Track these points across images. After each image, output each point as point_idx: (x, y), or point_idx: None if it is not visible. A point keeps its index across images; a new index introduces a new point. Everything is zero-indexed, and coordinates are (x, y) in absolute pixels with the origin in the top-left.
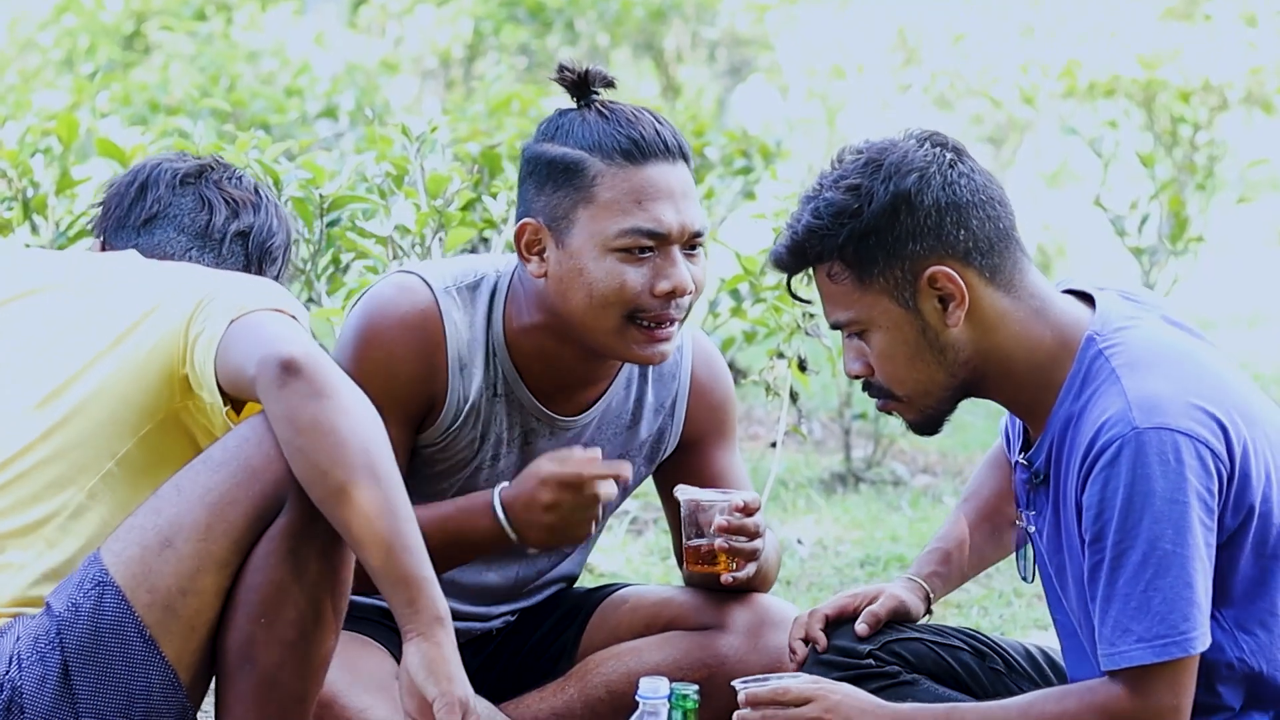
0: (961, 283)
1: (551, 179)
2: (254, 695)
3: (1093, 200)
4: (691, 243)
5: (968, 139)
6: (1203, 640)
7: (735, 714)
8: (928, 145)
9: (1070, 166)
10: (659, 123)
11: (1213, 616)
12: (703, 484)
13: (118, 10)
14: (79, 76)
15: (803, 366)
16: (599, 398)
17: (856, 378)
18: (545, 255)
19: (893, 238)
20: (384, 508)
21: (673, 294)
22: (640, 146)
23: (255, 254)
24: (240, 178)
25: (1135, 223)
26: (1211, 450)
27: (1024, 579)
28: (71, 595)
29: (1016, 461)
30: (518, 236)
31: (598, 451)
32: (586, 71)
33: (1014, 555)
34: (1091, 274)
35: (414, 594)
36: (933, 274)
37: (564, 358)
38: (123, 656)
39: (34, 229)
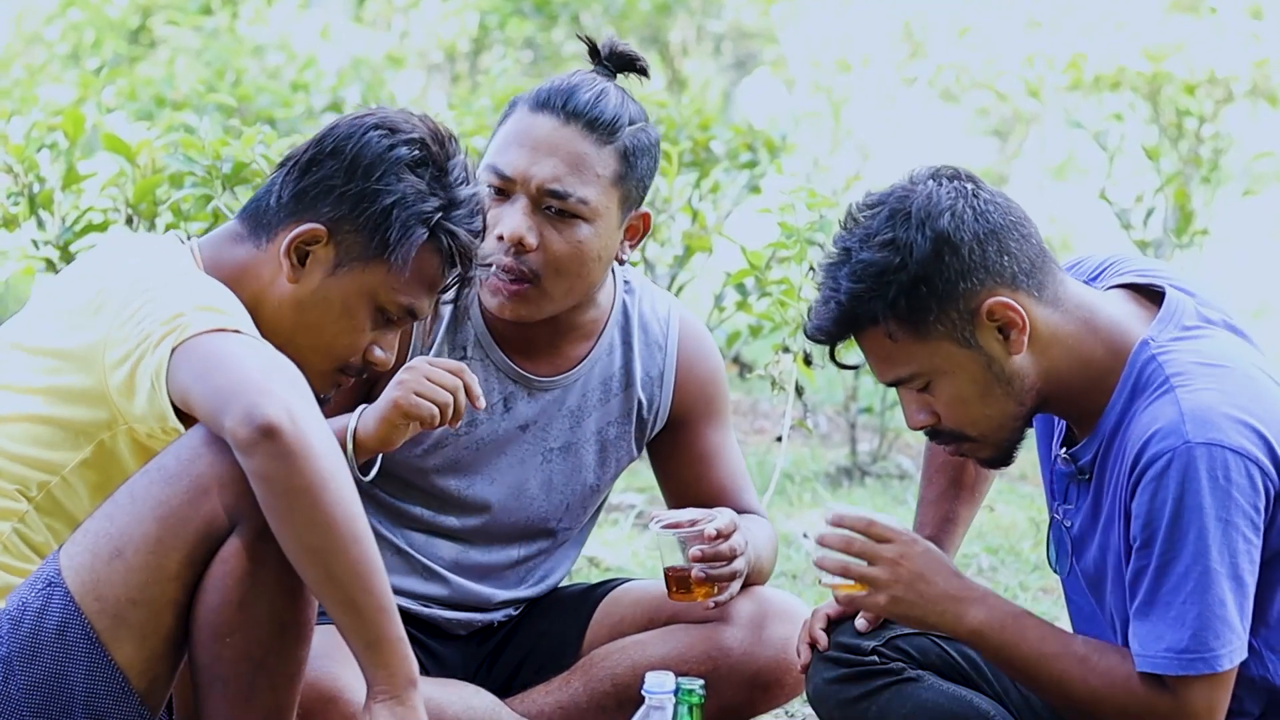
0: (1019, 308)
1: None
2: (230, 712)
3: (1098, 193)
4: (550, 203)
5: (974, 132)
6: (1233, 657)
7: (817, 534)
8: (945, 181)
9: (1075, 159)
10: (588, 90)
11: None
12: (695, 462)
13: (123, 5)
14: (85, 71)
15: (808, 361)
16: (581, 360)
17: (922, 429)
18: None
19: (942, 281)
20: (362, 570)
21: (504, 241)
22: (539, 98)
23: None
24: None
25: (1140, 216)
26: (1261, 468)
27: (1055, 570)
28: (24, 594)
29: (1057, 455)
30: None
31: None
32: (592, 40)
33: (1045, 545)
34: None
35: (388, 656)
36: (990, 307)
37: None
38: (67, 658)
39: (40, 224)
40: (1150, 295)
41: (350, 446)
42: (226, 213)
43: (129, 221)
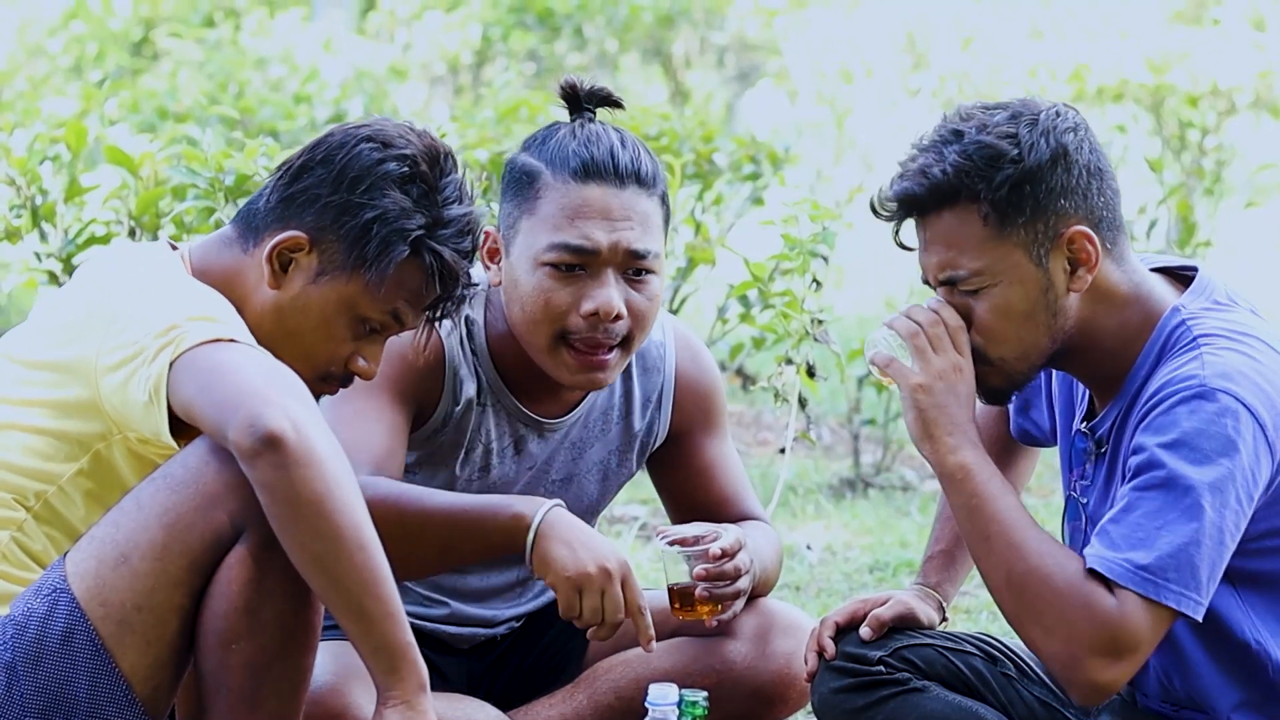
0: (1097, 247)
1: (510, 187)
2: (235, 719)
3: None
4: (633, 266)
5: None
6: (1180, 602)
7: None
8: (1069, 109)
9: None
10: (623, 147)
11: (1249, 605)
12: (696, 474)
13: (126, 17)
14: (87, 83)
15: (811, 372)
16: (584, 397)
17: None
18: (500, 264)
19: (1046, 190)
20: (368, 578)
21: (597, 315)
22: (588, 166)
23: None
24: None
25: (1144, 227)
26: (1267, 437)
27: (1070, 547)
28: (29, 600)
29: (1077, 430)
30: (481, 244)
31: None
32: (574, 85)
33: (1061, 522)
34: None
35: (398, 662)
36: (1074, 234)
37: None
38: (71, 663)
39: (43, 236)
40: (1183, 282)
41: (534, 528)
42: None
43: (132, 234)
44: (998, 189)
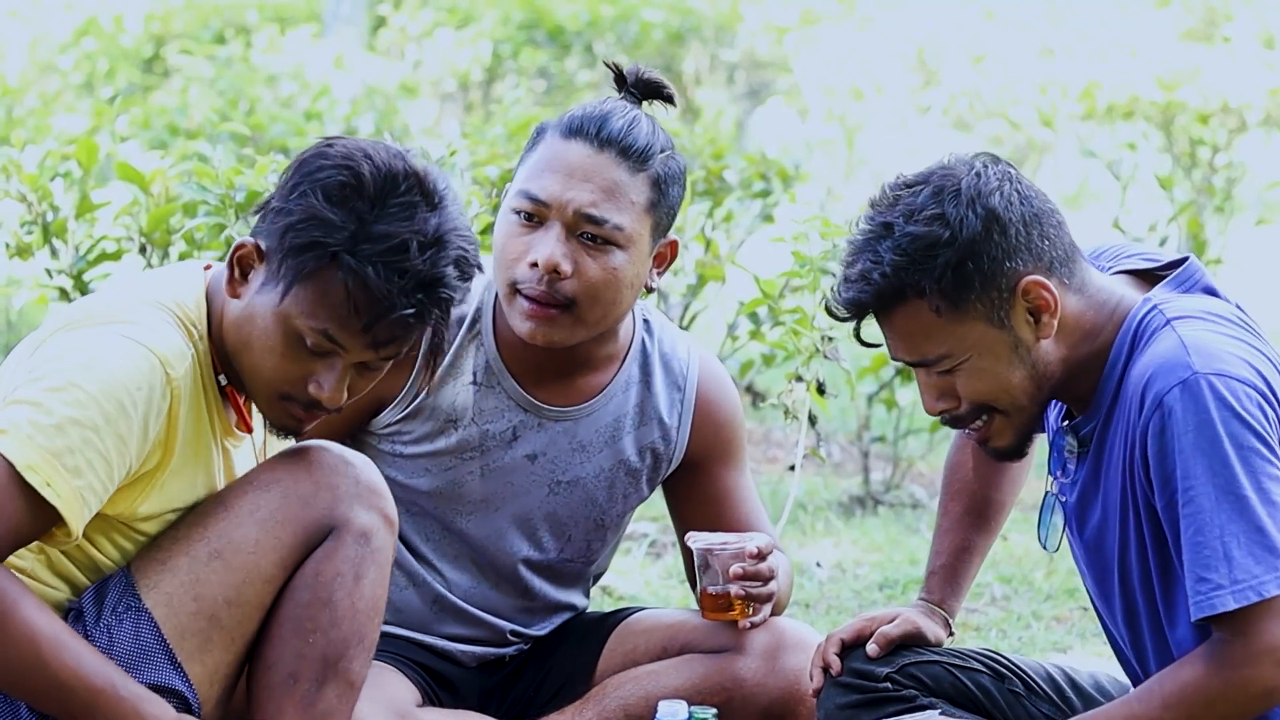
0: (1054, 292)
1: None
2: (294, 712)
3: (1112, 222)
4: (586, 230)
5: None
6: None
7: None
8: (989, 164)
9: (1089, 188)
10: (620, 119)
11: None
12: (711, 503)
13: (137, 34)
14: (98, 100)
15: (821, 390)
16: (596, 394)
17: (942, 414)
18: None
19: (989, 260)
20: (64, 688)
21: (539, 268)
22: (573, 124)
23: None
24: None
25: (1154, 245)
26: (1265, 399)
27: (1044, 546)
28: (105, 619)
29: (1058, 429)
30: None
31: None
32: (621, 67)
33: (1036, 522)
34: None
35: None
36: (1026, 286)
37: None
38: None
39: (54, 253)
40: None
41: None
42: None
43: (142, 250)
44: (940, 278)
